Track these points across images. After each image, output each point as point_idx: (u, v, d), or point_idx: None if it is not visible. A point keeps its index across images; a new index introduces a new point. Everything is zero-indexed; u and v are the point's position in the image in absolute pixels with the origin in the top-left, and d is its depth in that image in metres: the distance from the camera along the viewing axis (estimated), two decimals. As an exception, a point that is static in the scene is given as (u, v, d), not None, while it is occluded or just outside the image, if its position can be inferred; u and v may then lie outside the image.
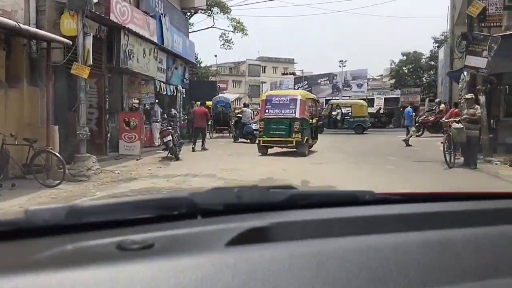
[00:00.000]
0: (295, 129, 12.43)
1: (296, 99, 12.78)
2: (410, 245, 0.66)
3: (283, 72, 51.37)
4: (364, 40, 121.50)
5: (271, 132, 12.73)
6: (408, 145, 15.68)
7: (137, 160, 11.26)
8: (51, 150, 8.04)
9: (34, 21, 8.88)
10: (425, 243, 0.67)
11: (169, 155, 11.41)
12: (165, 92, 15.00)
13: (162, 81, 14.59)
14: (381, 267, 0.59)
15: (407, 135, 16.04)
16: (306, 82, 46.75)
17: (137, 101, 13.90)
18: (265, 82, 55.72)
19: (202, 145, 14.82)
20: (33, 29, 8.27)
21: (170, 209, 0.78)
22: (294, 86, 48.13)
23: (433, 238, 0.69)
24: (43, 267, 0.54)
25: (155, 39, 13.63)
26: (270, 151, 13.09)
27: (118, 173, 9.51)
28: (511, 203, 1.06)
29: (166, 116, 13.47)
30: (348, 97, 44.74)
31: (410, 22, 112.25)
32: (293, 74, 49.86)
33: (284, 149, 12.92)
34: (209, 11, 40.56)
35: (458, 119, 9.99)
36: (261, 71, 59.98)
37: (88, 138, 9.18)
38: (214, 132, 20.58)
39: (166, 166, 10.52)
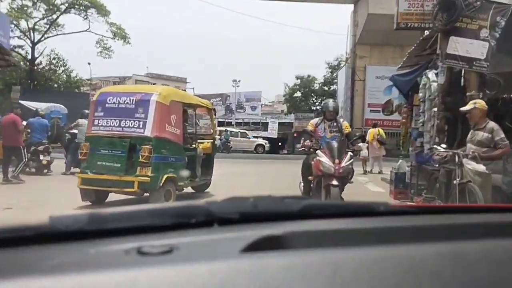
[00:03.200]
0: (140, 159, 5.89)
1: (149, 100, 6.15)
2: (424, 256, 0.62)
3: (172, 89, 44.64)
4: (259, 63, 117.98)
5: (98, 162, 6.10)
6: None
7: None
8: None
9: None
10: (439, 254, 0.63)
11: None
12: None
13: None
14: (395, 277, 0.56)
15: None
16: (197, 101, 40.63)
17: None
18: (153, 100, 48.27)
19: (15, 172, 8.66)
20: None
21: (188, 217, 0.75)
22: (184, 105, 41.77)
23: (447, 250, 0.66)
24: (66, 270, 0.54)
25: None
26: (111, 197, 6.40)
27: None
28: None
29: None
30: (241, 120, 39.75)
31: (305, 46, 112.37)
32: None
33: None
34: (84, 12, 32.73)
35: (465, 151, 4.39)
36: (149, 89, 52.40)
37: None
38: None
39: None
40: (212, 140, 8.32)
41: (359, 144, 12.87)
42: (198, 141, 7.83)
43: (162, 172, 6.05)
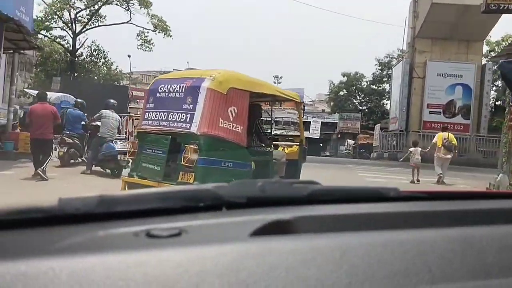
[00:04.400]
0: (182, 161, 4.49)
1: (199, 87, 4.69)
2: (434, 241, 0.61)
3: (211, 84, 43.59)
4: (301, 57, 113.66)
5: (143, 164, 4.96)
6: None
7: None
8: None
9: None
10: (449, 239, 0.63)
11: None
12: None
13: None
14: (403, 261, 0.55)
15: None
16: (236, 98, 39.31)
17: None
18: (191, 96, 47.47)
19: (42, 167, 7.36)
20: None
21: (196, 201, 0.75)
22: (223, 102, 40.57)
23: (457, 235, 0.65)
24: (75, 251, 0.54)
25: None
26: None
27: None
28: None
29: None
30: (281, 118, 38.13)
31: (353, 41, 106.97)
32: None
33: None
34: (126, 3, 32.15)
35: None
36: (188, 84, 51.74)
37: None
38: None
39: None
40: (298, 143, 6.31)
41: (410, 149, 10.69)
42: (280, 143, 6.12)
43: (211, 180, 4.46)
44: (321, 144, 36.09)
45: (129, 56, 33.96)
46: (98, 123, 8.59)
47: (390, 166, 17.17)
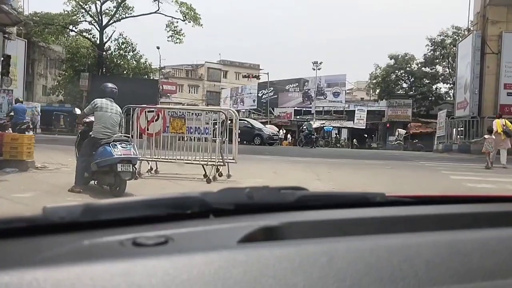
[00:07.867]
0: None
1: None
2: (420, 246, 0.62)
3: (244, 75, 40.72)
4: (340, 44, 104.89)
5: None
6: None
7: None
8: None
9: None
10: (435, 243, 0.63)
11: None
12: None
13: None
14: (390, 266, 0.56)
15: None
16: (272, 88, 36.28)
17: None
18: (225, 88, 44.91)
19: None
20: None
21: (183, 208, 0.73)
22: (258, 93, 37.68)
23: (443, 239, 0.65)
24: (60, 262, 0.53)
25: None
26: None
27: None
28: None
29: None
30: (322, 108, 34.84)
31: (397, 21, 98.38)
32: (257, 77, 39.20)
33: None
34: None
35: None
36: (222, 76, 49.15)
37: None
38: None
39: None
40: None
41: (485, 136, 11.04)
42: None
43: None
44: (365, 135, 32.58)
45: (158, 47, 31.50)
46: (92, 118, 5.78)
47: (466, 161, 13.77)
